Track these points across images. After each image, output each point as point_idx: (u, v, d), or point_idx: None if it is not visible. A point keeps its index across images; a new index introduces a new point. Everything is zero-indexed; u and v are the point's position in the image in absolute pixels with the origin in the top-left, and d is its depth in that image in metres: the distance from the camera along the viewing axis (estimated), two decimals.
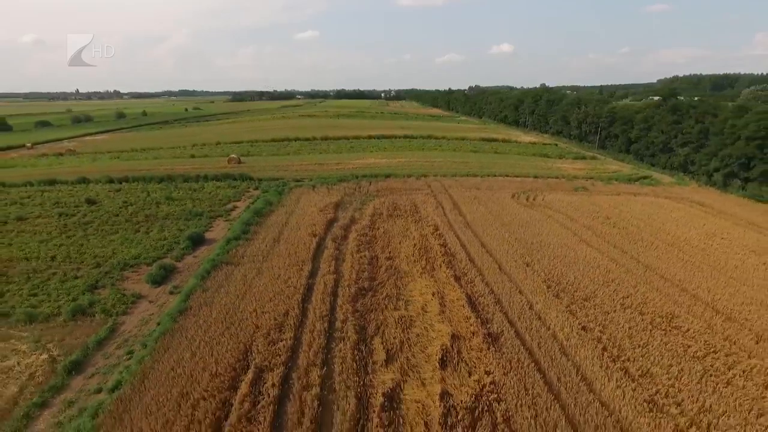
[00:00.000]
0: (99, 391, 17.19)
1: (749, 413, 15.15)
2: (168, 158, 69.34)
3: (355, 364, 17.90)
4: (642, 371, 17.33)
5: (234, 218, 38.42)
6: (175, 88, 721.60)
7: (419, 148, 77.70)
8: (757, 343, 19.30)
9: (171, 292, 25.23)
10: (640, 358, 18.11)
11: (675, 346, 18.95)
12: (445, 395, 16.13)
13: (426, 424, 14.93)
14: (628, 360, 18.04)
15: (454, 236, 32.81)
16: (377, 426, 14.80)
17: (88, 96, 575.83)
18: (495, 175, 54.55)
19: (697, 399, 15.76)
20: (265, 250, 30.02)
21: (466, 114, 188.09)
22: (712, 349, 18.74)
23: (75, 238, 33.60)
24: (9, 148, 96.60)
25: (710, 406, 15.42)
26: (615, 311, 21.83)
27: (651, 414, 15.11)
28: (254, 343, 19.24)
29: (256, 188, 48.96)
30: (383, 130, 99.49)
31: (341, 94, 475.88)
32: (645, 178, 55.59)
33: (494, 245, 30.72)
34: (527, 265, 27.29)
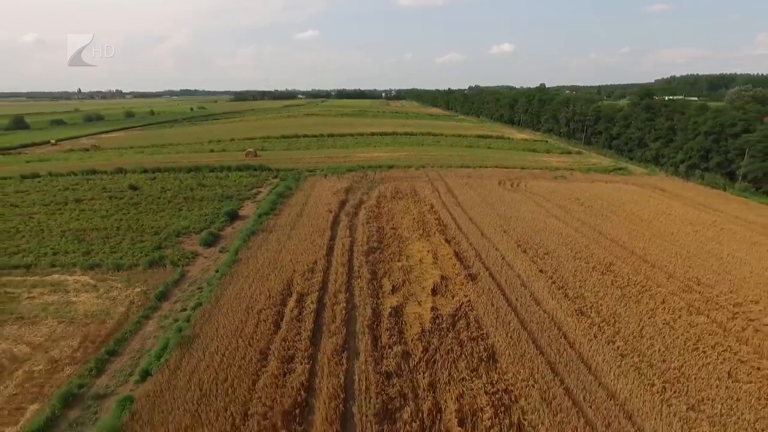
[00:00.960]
0: (184, 309, 23.77)
1: (645, 316, 21.77)
2: (189, 153, 75.99)
3: (369, 292, 24.52)
4: (577, 295, 23.96)
5: (260, 200, 45.09)
6: (176, 88, 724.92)
7: (419, 144, 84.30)
8: (667, 279, 25.91)
9: (221, 251, 31.88)
10: (578, 288, 24.73)
11: (605, 281, 25.58)
12: (434, 309, 22.73)
13: (420, 324, 21.52)
14: (569, 289, 24.67)
15: (446, 212, 39.45)
16: (386, 325, 21.40)
17: (91, 95, 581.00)
18: (486, 167, 61.16)
19: (611, 309, 22.39)
20: (291, 222, 36.68)
21: (465, 113, 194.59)
22: (632, 283, 25.36)
23: (130, 215, 40.28)
24: (34, 144, 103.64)
25: (619, 313, 22.04)
26: (567, 261, 28.45)
27: (577, 317, 21.73)
28: (294, 279, 25.87)
29: (275, 177, 55.61)
30: (385, 128, 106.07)
31: (342, 94, 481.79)
32: (620, 169, 62.18)
33: (479, 219, 37.35)
34: (504, 232, 33.93)
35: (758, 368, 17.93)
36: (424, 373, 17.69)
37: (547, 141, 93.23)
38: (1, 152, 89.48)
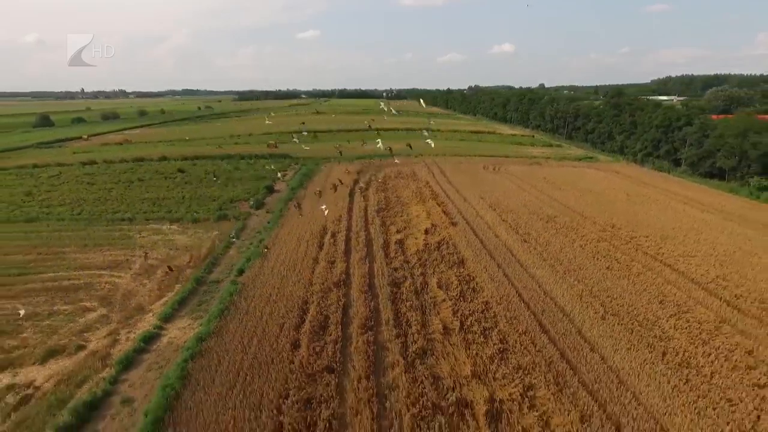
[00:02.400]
0: (252, 243, 34.29)
1: (566, 242, 32.29)
2: (215, 145, 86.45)
3: (381, 231, 35.05)
4: (524, 232, 34.48)
5: (288, 179, 55.67)
6: (178, 88, 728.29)
7: (417, 138, 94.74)
8: (592, 225, 36.45)
9: (267, 212, 42.45)
10: (525, 229, 35.24)
11: (547, 226, 36.11)
12: (426, 240, 33.21)
13: (416, 247, 31.97)
14: (520, 229, 35.18)
15: (439, 187, 50.00)
16: (393, 247, 31.88)
17: (95, 95, 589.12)
18: (475, 156, 71.68)
19: (545, 239, 32.91)
20: (316, 193, 47.23)
21: (463, 112, 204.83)
22: (565, 226, 35.89)
23: (188, 189, 50.86)
24: (68, 139, 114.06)
25: (549, 241, 32.56)
26: (523, 215, 38.98)
27: (521, 242, 32.27)
28: (327, 225, 36.41)
29: (296, 163, 66.21)
30: (388, 125, 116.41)
31: (344, 94, 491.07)
32: (590, 158, 72.68)
33: (463, 190, 47.91)
34: (481, 198, 44.49)
35: (627, 266, 28.41)
36: (417, 269, 28.19)
37: (533, 136, 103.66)
38: (45, 146, 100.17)
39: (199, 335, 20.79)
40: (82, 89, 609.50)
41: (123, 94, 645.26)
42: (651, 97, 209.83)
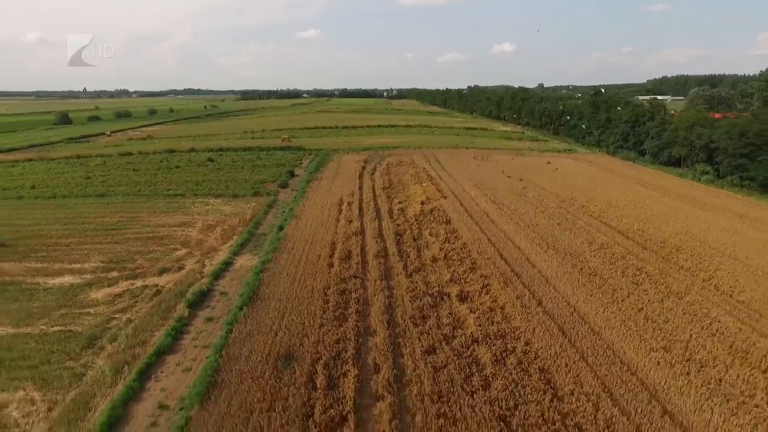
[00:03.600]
0: (284, 212, 43.37)
1: (531, 209, 41.44)
2: (234, 139, 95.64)
3: (386, 202, 44.18)
4: (500, 202, 43.61)
5: (305, 166, 64.79)
6: (180, 87, 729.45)
7: (417, 133, 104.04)
8: (554, 197, 45.57)
9: (292, 190, 51.58)
10: (501, 200, 44.35)
11: (519, 198, 45.25)
12: (422, 208, 42.35)
13: (414, 212, 41.05)
14: (496, 201, 44.30)
15: (434, 172, 59.13)
16: (396, 213, 40.98)
17: (98, 94, 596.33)
18: (467, 148, 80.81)
19: (515, 207, 42.05)
20: (331, 176, 56.42)
21: (460, 111, 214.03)
22: (533, 198, 45.02)
23: (220, 174, 59.96)
24: (92, 135, 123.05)
25: (518, 208, 41.71)
26: (501, 191, 48.11)
27: (496, 209, 41.42)
28: (342, 198, 45.55)
29: (310, 154, 75.29)
30: (389, 122, 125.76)
31: (346, 93, 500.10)
32: (570, 150, 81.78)
33: (454, 174, 57.05)
34: (468, 180, 53.66)
35: (573, 223, 37.52)
36: (415, 225, 37.30)
37: (523, 132, 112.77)
38: (74, 141, 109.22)
39: (262, 261, 29.91)
40: (85, 88, 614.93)
41: (126, 93, 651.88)
42: (642, 97, 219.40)
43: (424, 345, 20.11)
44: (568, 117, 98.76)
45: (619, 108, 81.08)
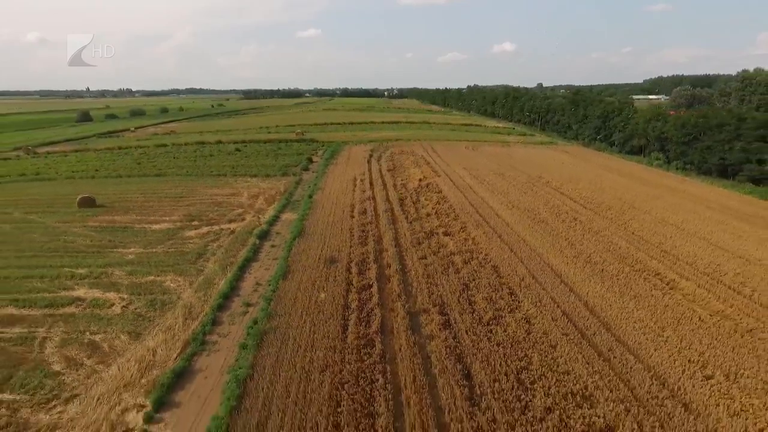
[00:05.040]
0: (310, 186, 54.22)
1: (506, 184, 52.34)
2: (253, 134, 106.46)
3: (391, 179, 55.09)
4: (483, 179, 54.52)
5: (321, 155, 75.69)
6: (181, 87, 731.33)
7: (417, 128, 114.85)
8: (526, 176, 56.46)
9: (312, 172, 62.47)
10: (484, 178, 55.23)
11: (498, 177, 56.15)
12: (419, 184, 53.22)
13: (413, 185, 51.92)
14: (481, 179, 55.19)
15: (431, 159, 70.03)
16: (399, 186, 51.86)
17: (102, 93, 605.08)
18: (460, 141, 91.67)
19: (495, 183, 52.95)
20: (344, 162, 67.33)
21: (458, 109, 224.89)
22: (508, 177, 55.90)
23: (249, 160, 70.83)
24: (116, 131, 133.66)
25: (496, 184, 52.61)
26: (485, 173, 59.01)
27: (479, 184, 52.31)
28: (355, 176, 56.47)
29: (323, 146, 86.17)
30: (391, 119, 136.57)
31: (347, 93, 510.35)
32: (551, 143, 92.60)
33: (448, 161, 67.96)
34: (459, 164, 64.58)
35: (535, 191, 48.35)
36: (413, 194, 48.15)
37: (513, 128, 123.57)
38: (104, 136, 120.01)
39: (301, 216, 40.73)
40: (88, 88, 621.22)
41: (129, 93, 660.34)
42: (636, 96, 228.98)
43: (419, 255, 31.02)
44: (552, 114, 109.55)
45: (591, 105, 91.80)
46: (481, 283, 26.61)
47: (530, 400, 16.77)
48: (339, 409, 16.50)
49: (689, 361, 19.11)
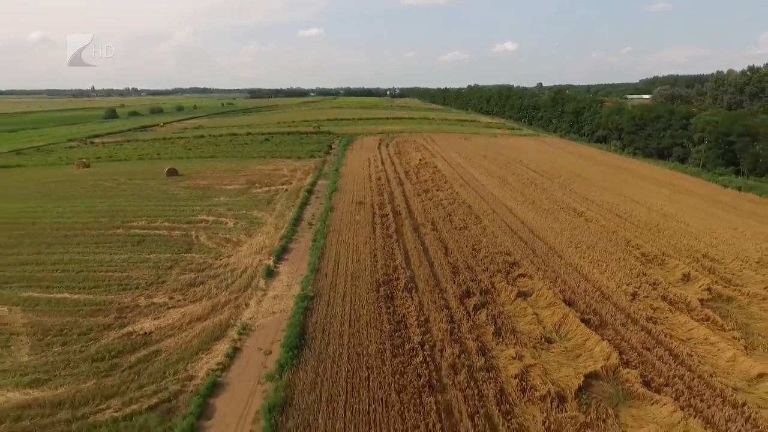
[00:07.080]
0: (334, 164, 69.04)
1: (486, 163, 67.18)
2: (275, 128, 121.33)
3: (397, 160, 69.99)
4: (471, 160, 69.37)
5: (338, 143, 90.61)
6: (185, 86, 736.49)
7: (418, 123, 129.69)
8: (504, 159, 71.29)
9: (334, 155, 77.34)
10: (471, 158, 70.05)
11: (483, 159, 70.99)
12: (419, 163, 68.09)
13: (414, 163, 66.77)
14: (469, 160, 70.04)
15: (429, 146, 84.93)
16: (403, 163, 66.69)
17: (108, 93, 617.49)
18: (456, 133, 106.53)
19: (480, 162, 67.80)
20: (359, 148, 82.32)
21: (457, 108, 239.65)
22: (492, 158, 70.74)
23: (279, 147, 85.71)
24: (147, 126, 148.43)
25: (479, 162, 67.44)
26: (473, 155, 73.83)
27: (465, 161, 67.17)
28: (369, 158, 71.38)
29: (338, 137, 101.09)
30: (395, 115, 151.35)
31: (350, 92, 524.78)
32: (535, 135, 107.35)
33: (444, 147, 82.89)
34: (452, 150, 79.49)
35: (507, 166, 63.17)
36: (415, 169, 62.97)
37: (504, 124, 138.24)
38: (139, 130, 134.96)
39: (333, 181, 55.57)
40: (93, 87, 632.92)
41: (135, 92, 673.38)
42: (630, 96, 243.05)
43: (419, 200, 45.91)
44: (537, 110, 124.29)
45: (567, 102, 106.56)
46: (458, 212, 41.49)
47: (477, 254, 31.64)
48: (375, 257, 31.35)
49: (571, 242, 33.92)
